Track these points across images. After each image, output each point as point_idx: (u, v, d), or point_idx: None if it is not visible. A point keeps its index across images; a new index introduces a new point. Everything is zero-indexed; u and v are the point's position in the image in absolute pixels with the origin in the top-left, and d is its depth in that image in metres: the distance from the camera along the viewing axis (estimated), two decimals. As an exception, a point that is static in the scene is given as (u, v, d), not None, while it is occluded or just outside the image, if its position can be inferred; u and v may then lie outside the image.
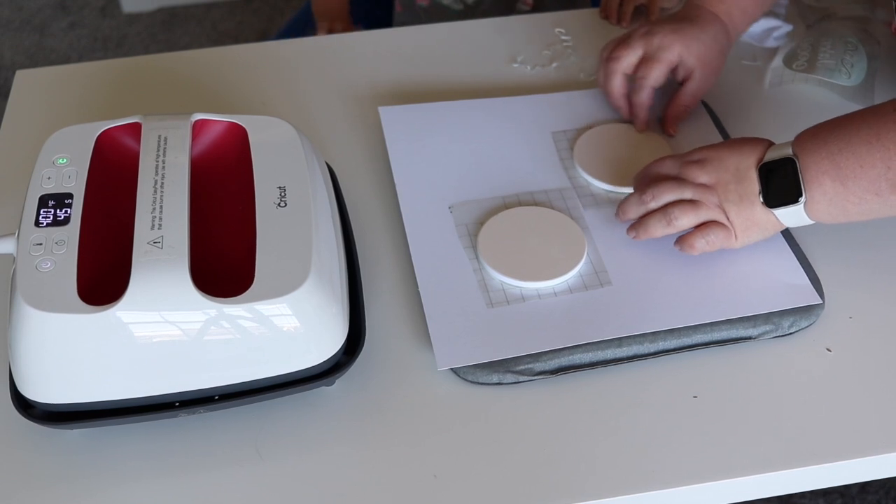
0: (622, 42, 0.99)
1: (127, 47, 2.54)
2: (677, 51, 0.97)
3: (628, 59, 0.98)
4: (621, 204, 0.88)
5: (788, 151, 0.80)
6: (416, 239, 0.88)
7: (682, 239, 0.84)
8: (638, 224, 0.85)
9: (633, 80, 1.00)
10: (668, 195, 0.84)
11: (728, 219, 0.82)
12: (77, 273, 0.69)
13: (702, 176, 0.83)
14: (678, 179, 0.84)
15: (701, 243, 0.83)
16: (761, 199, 0.81)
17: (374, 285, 0.86)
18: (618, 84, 0.99)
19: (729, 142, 0.87)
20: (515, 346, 0.79)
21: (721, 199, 0.82)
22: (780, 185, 0.80)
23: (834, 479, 0.76)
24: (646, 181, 0.87)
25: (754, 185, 0.81)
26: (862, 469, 0.75)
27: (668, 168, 0.86)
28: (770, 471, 0.73)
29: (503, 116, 1.02)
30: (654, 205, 0.84)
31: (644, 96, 0.98)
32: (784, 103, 1.06)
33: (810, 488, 0.76)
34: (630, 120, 1.01)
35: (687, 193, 0.83)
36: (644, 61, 0.98)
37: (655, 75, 0.97)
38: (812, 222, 0.81)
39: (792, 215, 0.81)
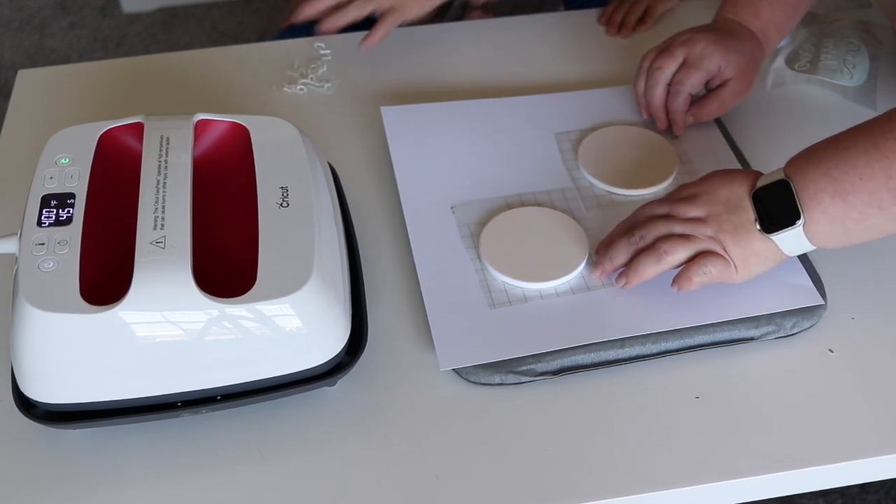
0: (664, 51, 0.99)
1: (127, 47, 2.53)
2: (717, 61, 0.96)
3: (671, 68, 0.98)
4: (608, 250, 0.83)
5: (781, 175, 0.78)
6: (419, 239, 0.88)
7: (678, 277, 0.80)
8: (627, 268, 0.81)
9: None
10: (656, 231, 0.81)
11: (723, 245, 0.79)
12: (79, 273, 0.69)
13: (692, 210, 0.80)
14: (667, 217, 0.81)
15: (698, 276, 0.79)
16: (758, 227, 0.78)
17: (377, 285, 0.86)
18: (659, 94, 0.98)
19: (716, 174, 0.83)
20: (517, 347, 0.79)
21: (715, 231, 0.79)
22: (777, 208, 0.78)
23: (836, 480, 0.76)
24: (633, 225, 0.84)
25: (749, 212, 0.79)
26: (864, 470, 0.75)
27: (657, 208, 0.83)
28: (772, 472, 0.73)
29: (506, 117, 1.02)
30: (642, 244, 0.81)
31: (681, 102, 0.97)
32: (786, 104, 1.06)
33: (812, 489, 0.76)
34: (631, 123, 1.01)
35: (677, 228, 0.80)
36: (684, 67, 0.97)
37: (693, 82, 0.97)
38: (813, 248, 0.78)
39: (791, 240, 0.78)
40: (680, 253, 0.79)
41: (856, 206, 0.75)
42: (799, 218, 0.76)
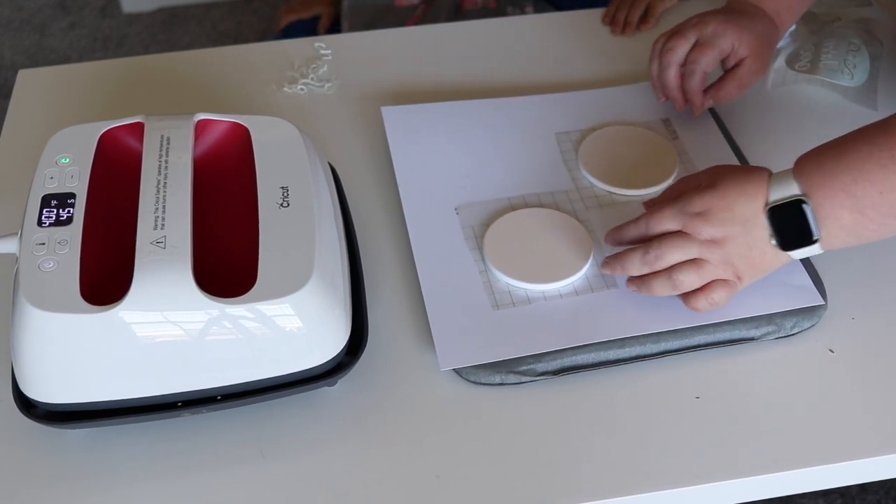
0: (675, 33, 0.99)
1: (127, 47, 2.54)
2: (730, 39, 0.96)
3: (683, 48, 0.98)
4: (621, 262, 0.82)
5: (795, 189, 0.76)
6: (419, 239, 0.88)
7: (685, 299, 0.81)
8: (640, 282, 0.81)
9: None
10: (672, 255, 0.79)
11: (735, 269, 0.79)
12: (80, 273, 0.69)
13: (707, 230, 0.78)
14: (682, 235, 0.79)
15: (704, 305, 0.80)
16: (773, 243, 0.77)
17: (377, 285, 0.86)
18: (673, 75, 0.99)
19: (729, 182, 0.79)
20: (518, 347, 0.79)
21: (729, 251, 0.78)
22: (794, 227, 0.76)
23: (836, 480, 0.76)
24: (641, 225, 0.82)
25: (764, 230, 0.77)
26: (864, 470, 0.75)
27: (670, 221, 0.80)
28: (772, 472, 0.73)
29: (506, 117, 1.02)
30: (659, 266, 0.80)
31: (696, 81, 0.98)
32: (787, 104, 1.06)
33: (812, 489, 0.76)
34: (631, 123, 1.01)
35: (692, 252, 0.78)
36: (697, 47, 0.97)
37: (707, 60, 0.97)
38: (822, 251, 0.78)
39: (804, 251, 0.78)
40: (693, 281, 0.79)
41: (875, 219, 0.74)
42: (817, 235, 0.76)
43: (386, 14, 1.45)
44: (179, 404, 0.72)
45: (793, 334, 0.82)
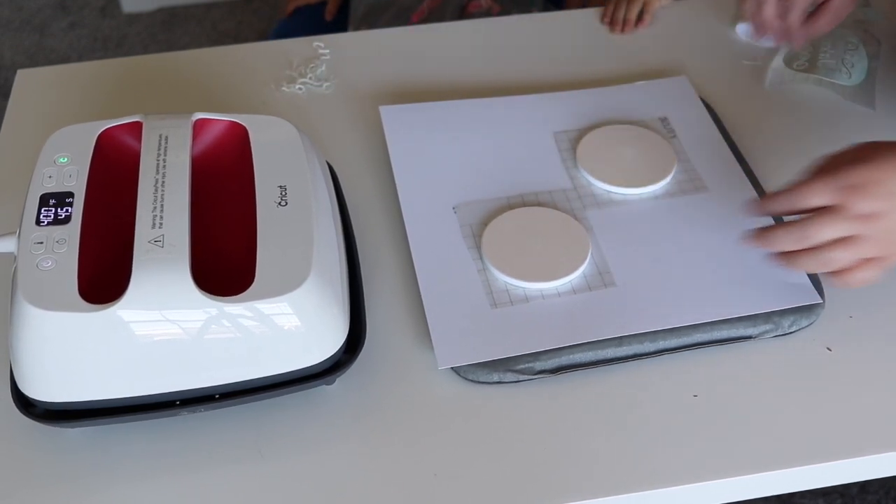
0: None
1: (127, 47, 2.54)
2: None
3: None
4: (769, 234, 0.80)
5: None
6: (418, 238, 0.88)
7: (833, 276, 0.79)
8: (788, 258, 0.80)
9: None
10: (826, 232, 0.77)
11: (890, 245, 0.77)
12: (78, 271, 0.69)
13: (864, 204, 0.75)
14: (835, 210, 0.76)
15: (852, 283, 0.78)
16: None
17: (375, 284, 0.86)
18: (772, 9, 0.99)
19: (883, 155, 0.77)
20: (516, 346, 0.79)
21: (886, 227, 0.75)
22: None
23: (834, 478, 0.76)
24: (788, 198, 0.79)
25: None
26: (862, 468, 0.75)
27: (822, 195, 0.77)
28: (770, 470, 0.73)
29: (505, 116, 1.02)
30: (811, 243, 0.78)
31: (796, 16, 0.98)
32: (784, 103, 1.06)
33: (810, 487, 0.76)
34: (629, 122, 1.01)
35: (847, 228, 0.76)
36: None
37: None
38: None
39: None
40: (845, 259, 0.78)
41: None
42: None
43: (389, 6, 1.46)
44: (178, 403, 0.72)
45: (790, 333, 0.82)
